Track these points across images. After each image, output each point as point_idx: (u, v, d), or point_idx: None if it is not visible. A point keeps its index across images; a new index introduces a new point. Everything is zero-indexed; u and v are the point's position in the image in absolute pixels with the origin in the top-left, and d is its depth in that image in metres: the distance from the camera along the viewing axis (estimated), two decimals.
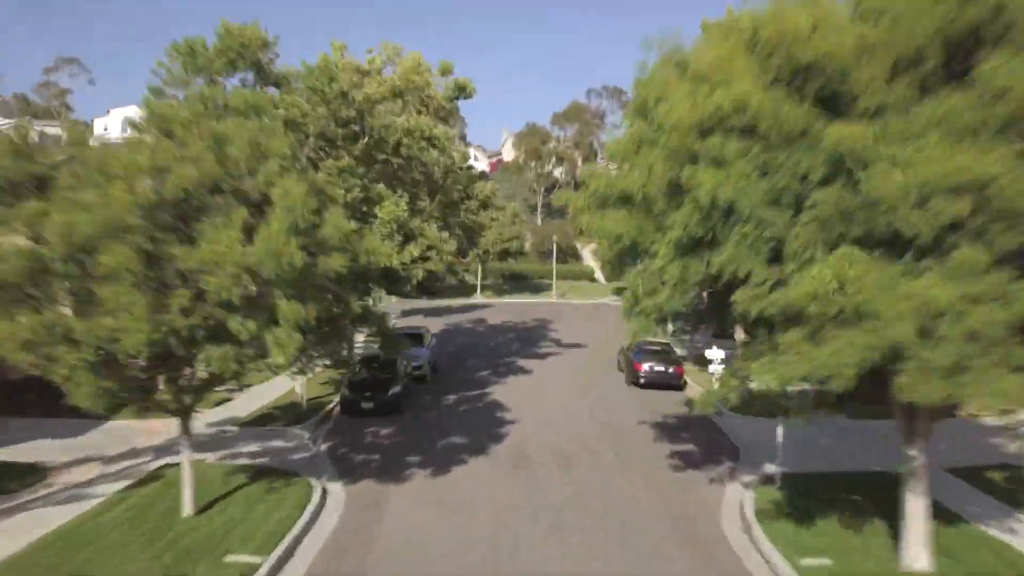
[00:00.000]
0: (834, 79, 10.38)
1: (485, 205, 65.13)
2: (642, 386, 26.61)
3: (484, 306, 58.14)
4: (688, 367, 28.10)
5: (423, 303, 59.91)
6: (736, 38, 11.46)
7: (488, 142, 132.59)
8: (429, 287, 69.03)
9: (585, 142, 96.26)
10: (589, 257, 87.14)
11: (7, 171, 12.43)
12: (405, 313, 51.67)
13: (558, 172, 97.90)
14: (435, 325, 44.72)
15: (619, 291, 17.75)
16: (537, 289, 71.42)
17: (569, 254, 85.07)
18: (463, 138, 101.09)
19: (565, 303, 61.46)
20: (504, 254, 65.74)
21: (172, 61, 21.97)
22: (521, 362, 31.92)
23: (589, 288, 73.00)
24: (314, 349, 13.93)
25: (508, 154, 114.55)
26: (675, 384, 26.53)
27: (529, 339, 39.39)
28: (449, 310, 53.72)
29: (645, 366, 26.41)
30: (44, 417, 19.55)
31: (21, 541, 12.54)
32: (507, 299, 64.11)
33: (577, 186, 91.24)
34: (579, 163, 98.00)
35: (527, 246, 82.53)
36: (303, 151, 20.79)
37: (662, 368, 26.43)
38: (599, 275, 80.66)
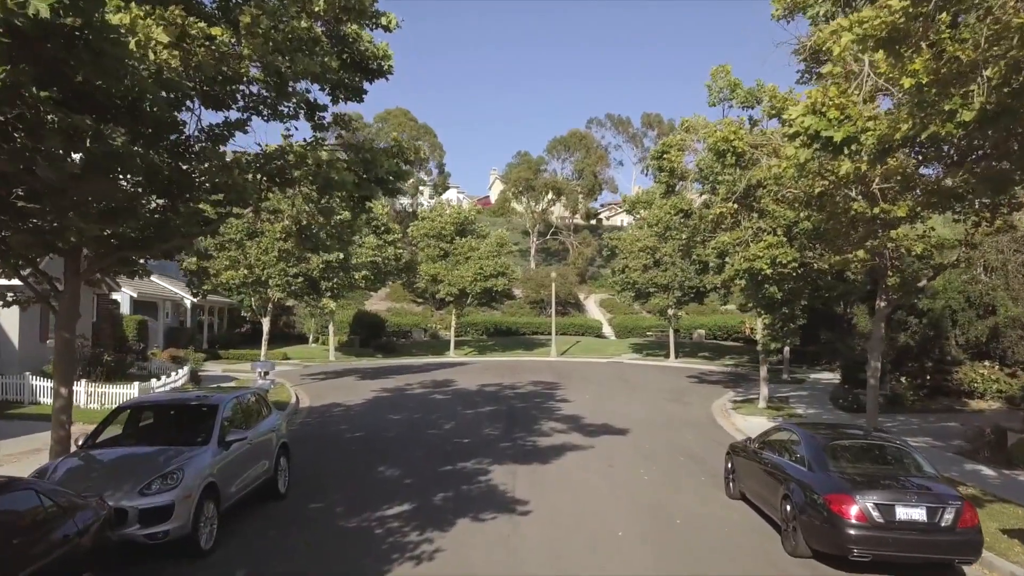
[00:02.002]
0: None
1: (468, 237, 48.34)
2: (860, 564, 8.98)
3: (457, 364, 40.56)
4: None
5: (366, 362, 42.22)
6: None
7: (473, 188, 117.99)
8: (385, 343, 51.83)
9: (590, 171, 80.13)
10: (595, 308, 70.03)
11: None
12: (330, 375, 33.93)
13: (556, 209, 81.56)
14: (363, 391, 27.04)
15: None
16: (531, 345, 54.02)
17: (570, 303, 68.01)
18: (440, 167, 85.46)
19: (570, 361, 43.98)
20: (487, 297, 48.48)
21: None
22: (498, 473, 14.11)
23: (596, 344, 55.87)
24: None
25: (496, 196, 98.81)
26: (958, 557, 8.90)
27: (521, 417, 21.65)
28: (404, 370, 36.06)
29: (864, 505, 8.66)
30: None
31: None
32: (492, 357, 46.61)
33: (578, 229, 73.32)
34: (581, 199, 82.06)
35: (518, 292, 65.46)
36: None
37: (917, 513, 8.76)
38: (608, 330, 63.56)
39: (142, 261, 12.40)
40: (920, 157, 13.11)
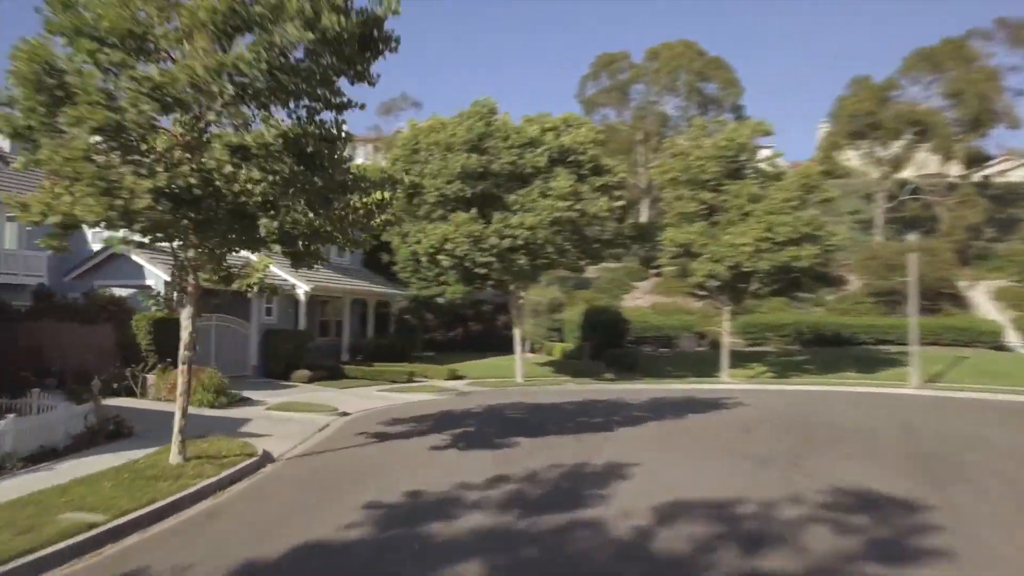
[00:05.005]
0: None
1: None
2: None
3: (708, 403, 21.35)
4: None
5: (556, 391, 25.16)
6: None
7: (795, 152, 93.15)
8: (621, 356, 34.16)
9: (974, 95, 52.56)
10: (986, 302, 44.04)
11: None
12: (418, 423, 17.25)
13: (918, 157, 55.43)
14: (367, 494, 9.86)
15: None
16: (871, 363, 32.22)
17: (943, 295, 43.17)
18: (735, 110, 63.75)
19: (948, 399, 22.13)
20: (785, 280, 28.34)
21: None
22: None
23: (996, 362, 32.18)
24: None
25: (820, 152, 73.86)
26: None
27: None
28: (588, 414, 18.32)
29: None
30: None
31: None
32: (790, 385, 26.55)
33: (953, 187, 44.43)
34: (958, 141, 54.90)
35: (852, 279, 42.97)
36: None
37: None
38: (1013, 337, 38.35)
39: None
40: None
